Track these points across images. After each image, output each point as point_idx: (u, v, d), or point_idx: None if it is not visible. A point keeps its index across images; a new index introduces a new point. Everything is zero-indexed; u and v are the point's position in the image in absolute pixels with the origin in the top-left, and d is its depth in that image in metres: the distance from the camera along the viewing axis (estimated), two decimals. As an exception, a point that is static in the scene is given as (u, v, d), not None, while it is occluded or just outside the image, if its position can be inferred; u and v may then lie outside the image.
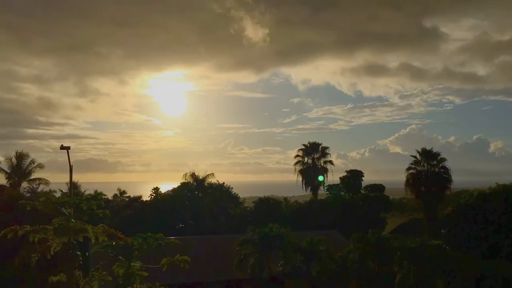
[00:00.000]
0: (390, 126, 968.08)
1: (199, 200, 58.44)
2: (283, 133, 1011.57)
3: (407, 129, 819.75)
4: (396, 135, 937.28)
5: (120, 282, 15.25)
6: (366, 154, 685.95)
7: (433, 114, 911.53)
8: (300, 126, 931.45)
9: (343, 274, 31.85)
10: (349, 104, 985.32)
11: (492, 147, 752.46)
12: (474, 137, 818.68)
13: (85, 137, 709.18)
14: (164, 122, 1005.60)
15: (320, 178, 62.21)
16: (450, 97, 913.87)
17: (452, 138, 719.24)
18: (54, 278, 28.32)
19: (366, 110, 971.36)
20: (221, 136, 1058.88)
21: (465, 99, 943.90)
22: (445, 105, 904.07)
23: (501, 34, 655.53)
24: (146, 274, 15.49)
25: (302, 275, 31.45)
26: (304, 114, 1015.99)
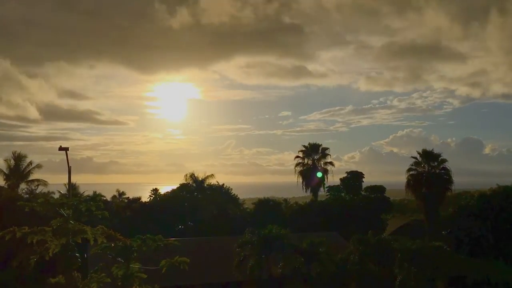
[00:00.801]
0: (388, 128, 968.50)
1: (199, 202, 58.27)
2: (282, 135, 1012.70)
3: (404, 131, 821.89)
4: (391, 137, 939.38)
5: (119, 284, 15.10)
6: (362, 155, 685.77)
7: (431, 116, 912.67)
8: (298, 128, 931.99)
9: (343, 276, 31.70)
10: (349, 106, 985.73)
11: (487, 149, 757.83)
12: (463, 137, 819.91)
13: (69, 138, 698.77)
14: (153, 124, 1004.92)
15: (319, 174, 62.04)
16: (450, 100, 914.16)
17: (449, 140, 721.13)
18: (53, 280, 28.16)
19: (365, 113, 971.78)
20: (218, 138, 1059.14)
21: (464, 102, 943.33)
22: (444, 106, 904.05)
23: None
24: (145, 276, 15.35)
25: (302, 276, 31.29)
26: (302, 117, 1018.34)
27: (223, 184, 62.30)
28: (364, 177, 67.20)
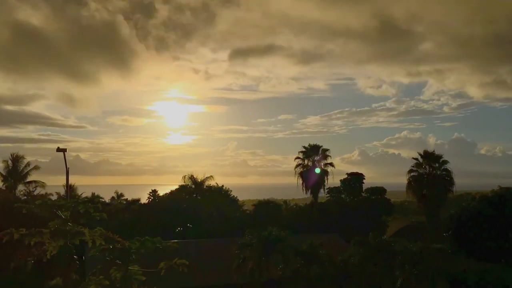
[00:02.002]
0: (386, 130, 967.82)
1: (198, 203, 58.05)
2: (281, 137, 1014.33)
3: (401, 133, 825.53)
4: (385, 140, 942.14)
5: (118, 286, 14.88)
6: (354, 157, 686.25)
7: (430, 118, 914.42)
8: (295, 130, 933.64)
9: (343, 278, 31.48)
10: (346, 108, 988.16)
11: (482, 150, 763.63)
12: (452, 138, 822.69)
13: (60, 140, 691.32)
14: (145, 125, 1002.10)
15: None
16: (449, 102, 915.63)
17: (443, 141, 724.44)
18: (51, 282, 27.98)
19: (363, 115, 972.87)
20: (216, 140, 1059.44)
21: (461, 105, 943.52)
22: (443, 108, 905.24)
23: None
24: (143, 278, 15.12)
25: (302, 279, 31.06)
26: (300, 120, 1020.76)
27: (222, 186, 62.10)
28: (364, 179, 66.92)
